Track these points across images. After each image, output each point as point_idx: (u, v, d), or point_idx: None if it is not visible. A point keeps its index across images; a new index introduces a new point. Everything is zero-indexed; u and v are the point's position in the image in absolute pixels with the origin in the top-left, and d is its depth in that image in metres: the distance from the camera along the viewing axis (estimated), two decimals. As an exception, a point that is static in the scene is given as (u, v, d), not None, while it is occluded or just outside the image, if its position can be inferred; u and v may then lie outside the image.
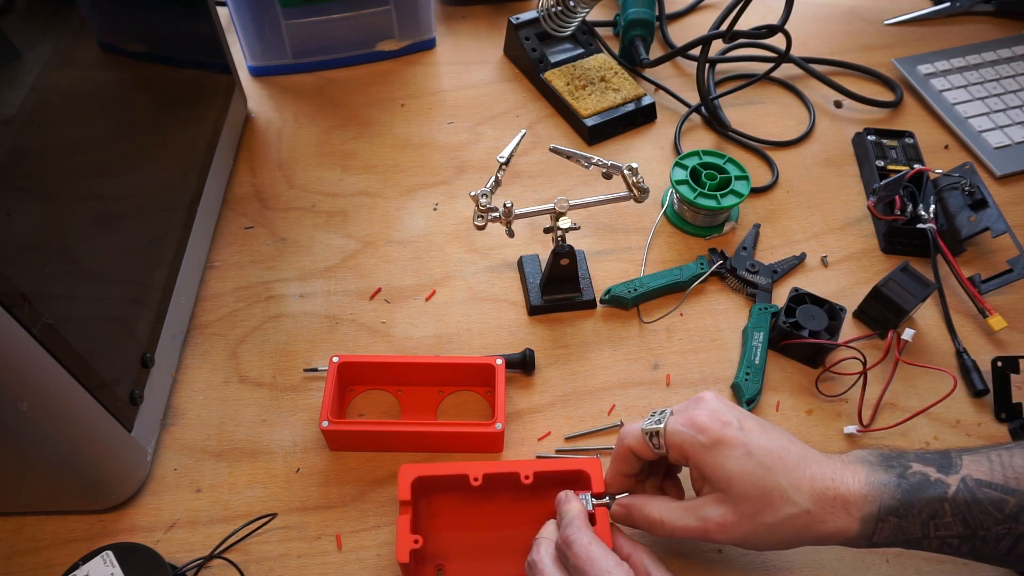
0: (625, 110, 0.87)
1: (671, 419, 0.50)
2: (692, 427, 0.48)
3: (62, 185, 0.52)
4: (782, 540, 0.47)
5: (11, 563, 0.56)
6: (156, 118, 0.68)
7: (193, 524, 0.58)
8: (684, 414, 0.50)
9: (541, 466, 0.55)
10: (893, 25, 1.03)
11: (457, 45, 0.98)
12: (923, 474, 0.46)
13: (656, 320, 0.71)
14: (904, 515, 0.45)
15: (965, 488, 0.45)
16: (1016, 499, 0.44)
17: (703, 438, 0.47)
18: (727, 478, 0.46)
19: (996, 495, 0.44)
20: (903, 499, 0.45)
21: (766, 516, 0.46)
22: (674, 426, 0.49)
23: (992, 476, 0.45)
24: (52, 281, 0.48)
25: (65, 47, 0.53)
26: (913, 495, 0.45)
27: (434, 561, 0.56)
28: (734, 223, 0.78)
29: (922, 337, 0.70)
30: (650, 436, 0.50)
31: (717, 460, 0.47)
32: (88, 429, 0.51)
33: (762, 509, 0.46)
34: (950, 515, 0.44)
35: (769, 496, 0.46)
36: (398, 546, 0.51)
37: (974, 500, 0.44)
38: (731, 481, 0.46)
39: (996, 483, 0.45)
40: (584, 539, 0.47)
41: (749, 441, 0.47)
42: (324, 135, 0.86)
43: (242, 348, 0.68)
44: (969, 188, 0.75)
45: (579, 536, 0.47)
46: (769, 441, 0.48)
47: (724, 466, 0.47)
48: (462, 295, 0.72)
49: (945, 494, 0.45)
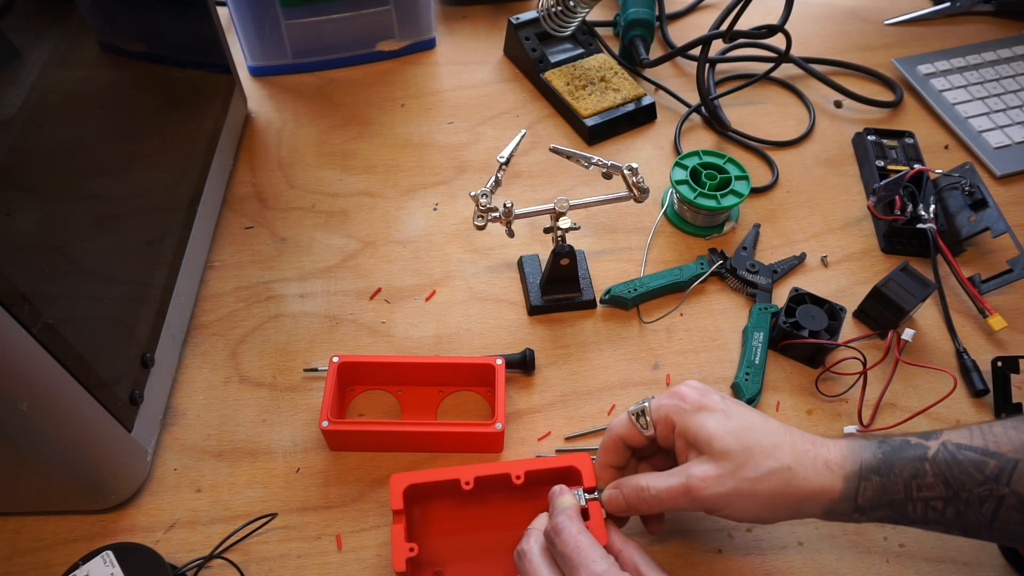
0: (625, 110, 0.87)
1: (655, 399, 0.53)
2: (675, 397, 0.51)
3: (62, 185, 0.52)
4: (765, 501, 0.47)
5: (11, 563, 0.56)
6: (156, 118, 0.68)
7: (193, 524, 0.58)
8: (667, 392, 0.53)
9: (532, 465, 0.55)
10: (893, 25, 1.03)
11: (457, 45, 0.98)
12: (903, 439, 0.48)
13: (656, 320, 0.71)
14: (886, 474, 0.46)
15: (945, 450, 0.46)
16: (996, 461, 0.45)
17: (686, 405, 0.50)
18: (708, 436, 0.48)
19: (976, 456, 0.45)
20: (884, 459, 0.47)
21: (748, 470, 0.47)
22: (659, 401, 0.52)
23: (972, 440, 0.46)
24: (52, 281, 0.48)
25: (65, 47, 0.53)
26: (894, 456, 0.47)
27: (432, 567, 0.55)
28: (734, 223, 0.78)
29: (922, 337, 0.70)
30: (636, 416, 0.52)
31: (699, 421, 0.49)
32: (88, 429, 0.51)
33: (744, 463, 0.47)
34: (931, 475, 0.46)
35: (750, 451, 0.47)
36: (394, 556, 0.51)
37: (954, 460, 0.46)
38: (712, 439, 0.48)
39: (976, 446, 0.46)
40: (573, 528, 0.48)
41: (730, 408, 0.50)
42: (324, 135, 0.86)
43: (242, 348, 0.68)
44: (969, 188, 0.75)
45: (568, 524, 0.48)
46: (750, 412, 0.50)
47: (706, 425, 0.49)
48: (462, 295, 0.72)
49: (925, 455, 0.46)
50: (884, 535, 0.58)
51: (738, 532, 0.58)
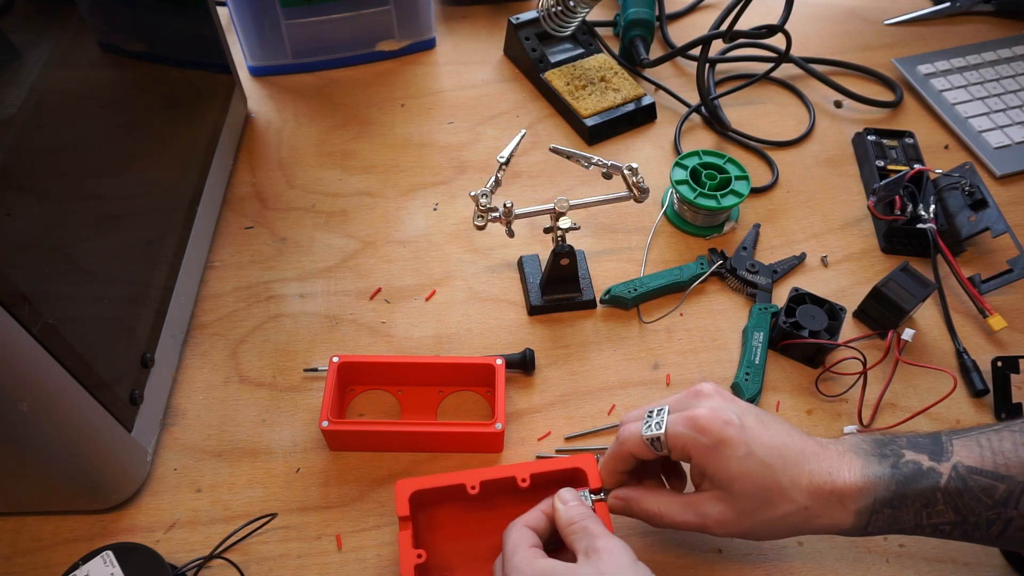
0: (625, 110, 0.87)
1: (671, 420, 0.50)
2: (694, 428, 0.48)
3: (62, 185, 0.52)
4: (779, 533, 0.48)
5: (11, 563, 0.56)
6: (156, 118, 0.68)
7: (193, 524, 0.58)
8: (684, 414, 0.49)
9: (537, 468, 0.55)
10: (893, 25, 1.03)
11: (457, 45, 0.98)
12: (916, 463, 0.47)
13: (656, 320, 0.71)
14: (898, 506, 0.46)
15: (956, 477, 0.46)
16: (1006, 485, 0.45)
17: (705, 439, 0.48)
18: (729, 479, 0.47)
19: (986, 482, 0.45)
20: (897, 491, 0.46)
21: (765, 513, 0.47)
22: (675, 428, 0.49)
23: (983, 463, 0.46)
24: (52, 281, 0.48)
25: (65, 47, 0.53)
26: (907, 487, 0.46)
27: (439, 572, 0.55)
28: (734, 223, 0.78)
29: (922, 337, 0.70)
30: (651, 441, 0.50)
31: (720, 461, 0.47)
32: (88, 429, 0.51)
33: (761, 507, 0.47)
34: (942, 504, 0.46)
35: (768, 495, 0.47)
36: (402, 563, 0.51)
37: (965, 488, 0.46)
38: (732, 481, 0.47)
39: (986, 470, 0.46)
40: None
41: (750, 440, 0.47)
42: (324, 135, 0.86)
43: (242, 348, 0.68)
44: (969, 188, 0.75)
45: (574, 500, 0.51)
46: (770, 437, 0.48)
47: (727, 467, 0.47)
48: (462, 295, 0.72)
49: (938, 484, 0.46)
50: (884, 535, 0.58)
51: (738, 532, 0.58)
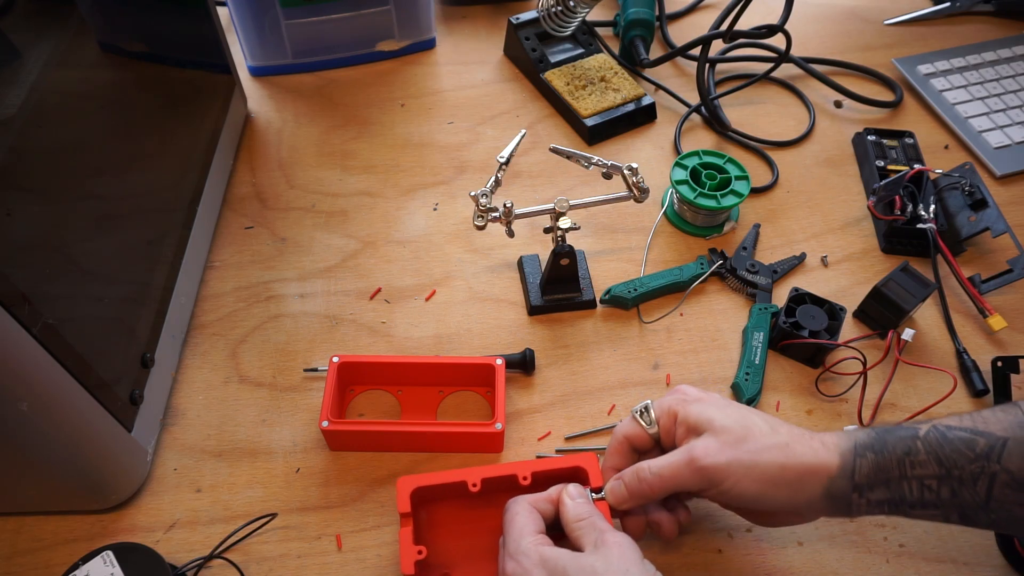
0: (625, 110, 0.87)
1: (658, 399, 0.56)
2: (677, 393, 0.55)
3: (62, 185, 0.52)
4: (765, 474, 0.48)
5: (11, 563, 0.56)
6: (156, 118, 0.68)
7: (193, 524, 0.58)
8: (667, 391, 0.57)
9: (538, 466, 0.55)
10: (893, 25, 1.03)
11: (457, 45, 0.98)
12: (893, 424, 0.51)
13: (656, 320, 0.71)
14: (880, 451, 0.48)
15: (935, 430, 0.48)
16: (985, 439, 0.46)
17: (686, 397, 0.54)
18: (709, 418, 0.51)
19: (966, 435, 0.47)
20: (877, 437, 0.49)
21: (748, 443, 0.49)
22: (661, 398, 0.55)
23: (961, 422, 0.48)
24: (52, 281, 0.48)
25: (65, 47, 0.53)
26: (886, 435, 0.49)
27: (440, 570, 0.55)
28: (734, 223, 0.78)
29: (922, 337, 0.70)
30: (640, 413, 0.54)
31: (700, 408, 0.52)
32: (88, 429, 0.51)
33: (744, 438, 0.50)
34: (923, 453, 0.47)
35: (749, 429, 0.50)
36: (402, 559, 0.51)
37: (945, 439, 0.47)
38: (713, 419, 0.51)
39: (965, 427, 0.48)
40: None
41: (728, 402, 0.54)
42: (324, 135, 0.86)
43: (242, 348, 0.68)
44: (969, 188, 0.75)
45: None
46: (747, 407, 0.54)
47: (705, 411, 0.52)
48: (462, 295, 0.72)
49: (916, 434, 0.48)
50: (884, 535, 0.58)
51: (738, 532, 0.58)
